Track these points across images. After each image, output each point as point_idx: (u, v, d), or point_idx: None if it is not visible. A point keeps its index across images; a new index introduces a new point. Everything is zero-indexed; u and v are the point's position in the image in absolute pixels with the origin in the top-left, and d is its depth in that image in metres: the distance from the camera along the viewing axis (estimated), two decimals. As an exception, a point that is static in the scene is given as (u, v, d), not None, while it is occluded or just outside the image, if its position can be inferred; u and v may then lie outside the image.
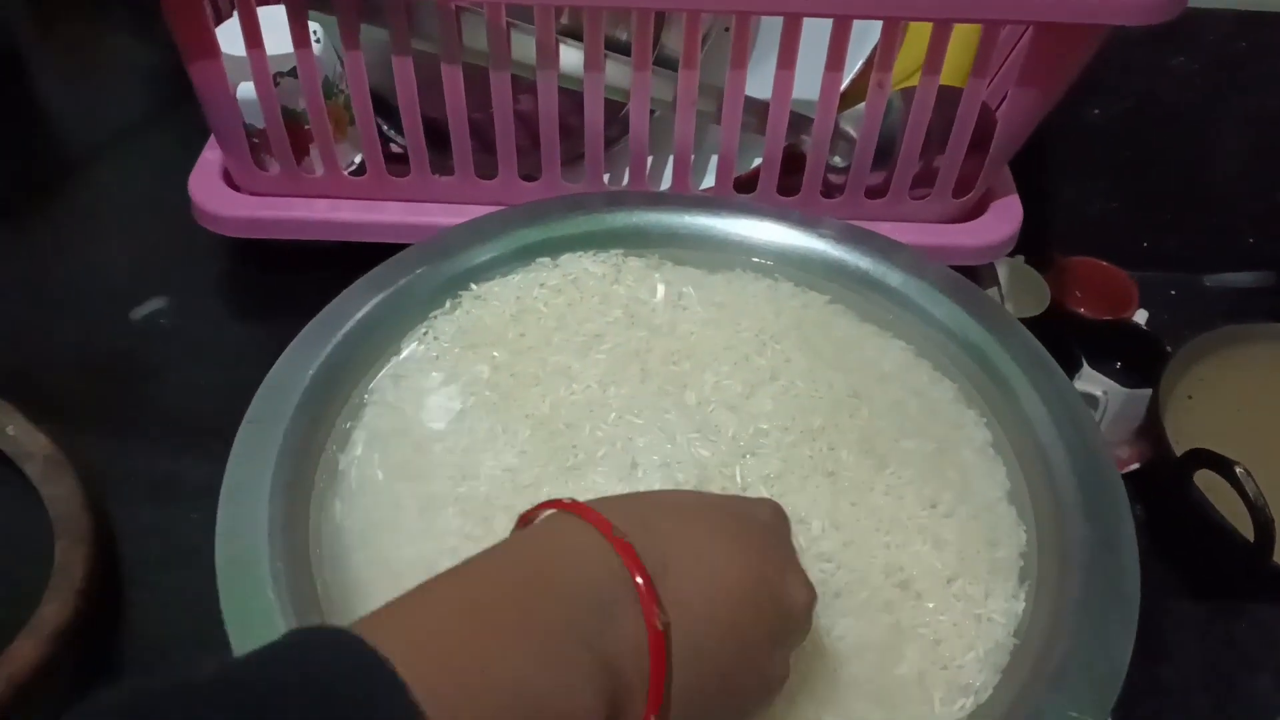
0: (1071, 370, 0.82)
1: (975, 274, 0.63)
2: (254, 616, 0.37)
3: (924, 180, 0.59)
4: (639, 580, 0.29)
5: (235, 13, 0.57)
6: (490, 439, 0.46)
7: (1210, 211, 0.95)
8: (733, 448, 0.45)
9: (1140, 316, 0.93)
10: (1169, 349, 0.84)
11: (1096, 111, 0.92)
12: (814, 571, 0.41)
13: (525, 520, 0.33)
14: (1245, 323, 0.83)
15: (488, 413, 0.47)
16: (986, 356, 0.49)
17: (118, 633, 0.48)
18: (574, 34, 0.52)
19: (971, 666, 0.39)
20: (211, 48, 0.52)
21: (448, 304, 0.51)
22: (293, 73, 0.55)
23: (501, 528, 0.41)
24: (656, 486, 0.43)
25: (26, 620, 0.45)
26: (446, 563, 0.30)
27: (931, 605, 0.41)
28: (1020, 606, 0.41)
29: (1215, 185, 0.94)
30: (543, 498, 0.34)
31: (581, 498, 0.33)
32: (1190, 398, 0.81)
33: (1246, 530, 0.61)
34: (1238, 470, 0.65)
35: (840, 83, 0.53)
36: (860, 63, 0.57)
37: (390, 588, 0.29)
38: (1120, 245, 0.94)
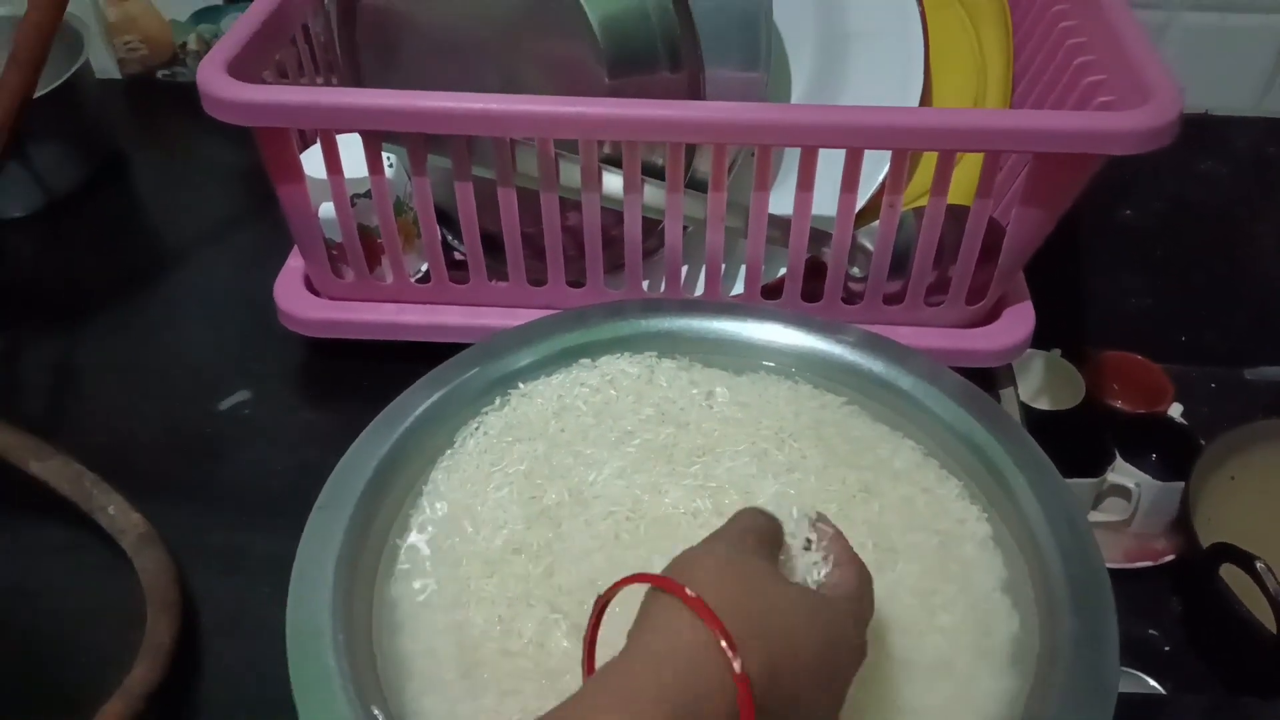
0: (1105, 463, 0.84)
1: (993, 373, 0.66)
2: (317, 680, 0.42)
3: (939, 288, 0.63)
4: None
5: (318, 140, 0.64)
6: (527, 525, 0.50)
7: (1248, 306, 0.97)
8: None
9: (1175, 410, 0.95)
10: (1202, 442, 0.85)
11: (1129, 212, 0.95)
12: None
13: (617, 588, 0.38)
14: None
15: (527, 501, 0.52)
16: (989, 457, 0.52)
17: (196, 694, 0.53)
18: (614, 161, 0.58)
19: (961, 747, 0.42)
20: (297, 173, 0.60)
21: (498, 401, 0.56)
22: (368, 194, 0.62)
23: (529, 614, 0.46)
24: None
25: (113, 681, 0.50)
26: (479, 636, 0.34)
27: (924, 687, 0.44)
28: (1010, 687, 0.44)
29: (1251, 281, 0.96)
30: (572, 572, 0.39)
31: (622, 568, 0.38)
32: (1233, 478, 0.83)
33: (1271, 624, 0.63)
34: (1258, 565, 0.67)
35: (855, 203, 0.58)
36: (877, 183, 0.62)
37: (429, 661, 0.33)
38: (1157, 340, 0.96)
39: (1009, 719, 0.43)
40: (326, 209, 0.62)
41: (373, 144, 0.58)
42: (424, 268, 0.67)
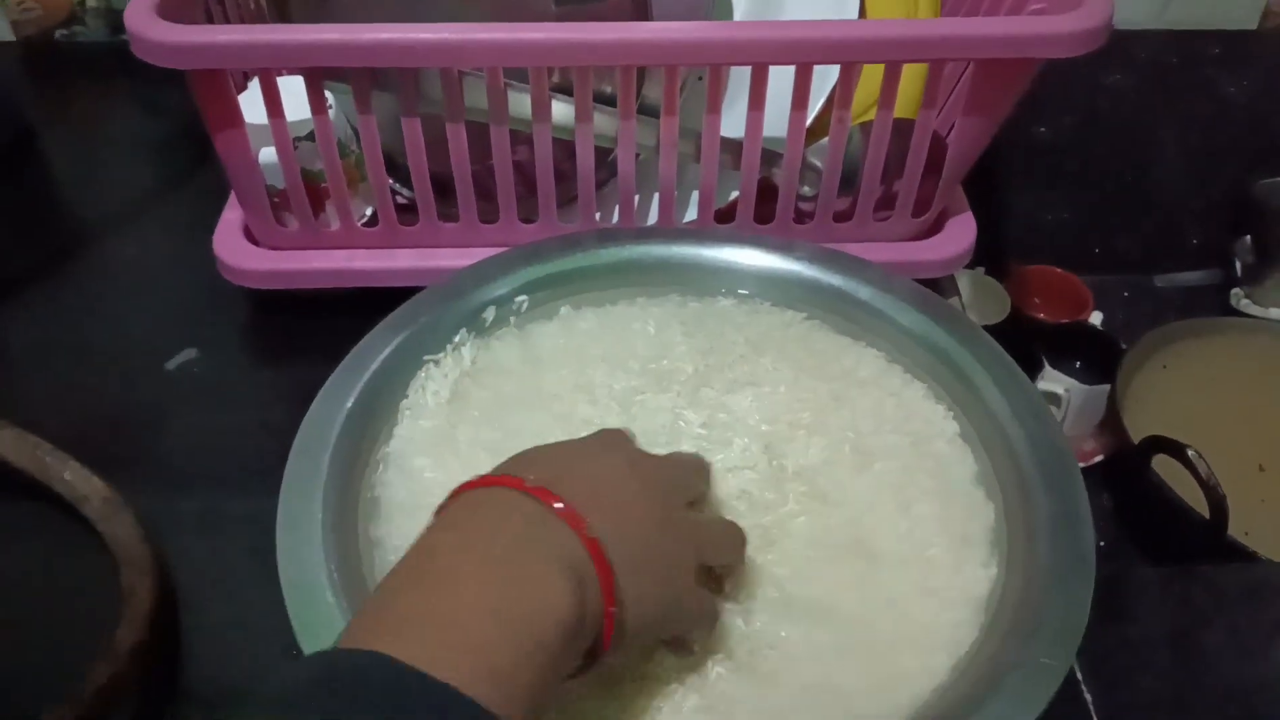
0: (1034, 371, 0.88)
1: (938, 285, 0.69)
2: (320, 620, 0.42)
3: (885, 203, 0.65)
4: (559, 506, 0.35)
5: (249, 84, 0.62)
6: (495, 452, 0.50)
7: (1155, 215, 1.01)
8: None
9: (1096, 318, 0.99)
10: (1124, 346, 0.90)
11: (1043, 129, 0.98)
12: (812, 551, 0.46)
13: (454, 496, 0.38)
14: (1194, 318, 0.89)
15: (499, 439, 0.51)
16: (951, 358, 0.54)
17: (178, 657, 0.52)
18: (563, 89, 0.58)
19: (951, 626, 0.44)
20: (236, 118, 0.58)
21: (458, 339, 0.56)
22: (309, 137, 0.60)
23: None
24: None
25: (96, 647, 0.49)
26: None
27: (916, 574, 0.46)
28: (993, 573, 0.46)
29: (1158, 191, 1.00)
30: None
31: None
32: (1165, 367, 0.87)
33: (1203, 509, 0.66)
34: (1190, 453, 0.71)
35: (805, 120, 0.59)
36: (822, 101, 0.63)
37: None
38: (1074, 252, 1.00)
39: (999, 599, 0.45)
40: (267, 154, 0.60)
41: (315, 83, 0.56)
42: (369, 211, 0.66)
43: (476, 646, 0.31)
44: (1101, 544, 0.76)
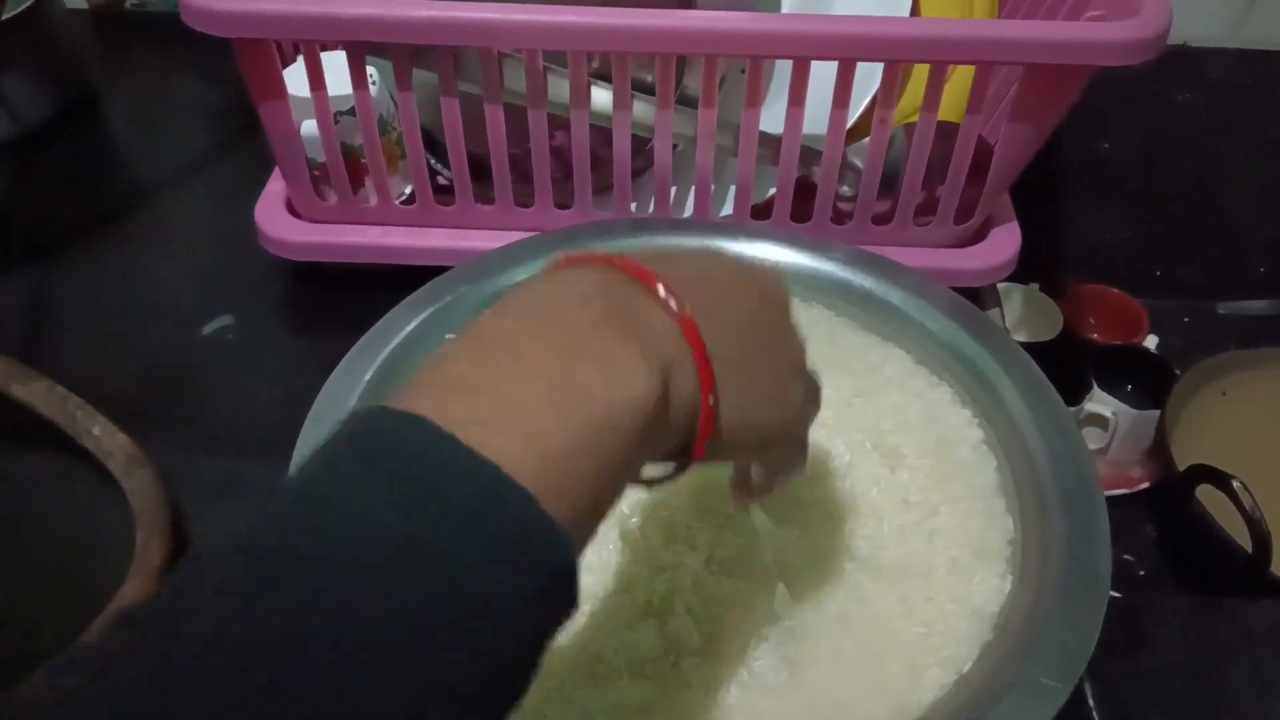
0: (1082, 392, 0.85)
1: (978, 295, 0.67)
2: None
3: (927, 208, 0.63)
4: (649, 283, 0.32)
5: (299, 57, 0.63)
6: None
7: (1221, 240, 0.98)
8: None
9: (1151, 342, 0.96)
10: (1178, 372, 0.87)
11: (1106, 145, 0.95)
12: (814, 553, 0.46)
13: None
14: (1256, 348, 0.85)
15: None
16: (978, 366, 0.53)
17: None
18: (604, 76, 0.58)
19: (957, 640, 0.43)
20: (279, 90, 0.58)
21: (486, 319, 0.56)
22: (351, 111, 0.61)
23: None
24: None
25: (106, 600, 0.50)
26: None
27: (925, 585, 0.45)
28: (1006, 588, 0.45)
29: (1226, 215, 0.97)
30: None
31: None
32: (1224, 394, 0.83)
33: (1247, 542, 0.64)
34: (1235, 484, 0.68)
35: (846, 119, 0.58)
36: (866, 100, 0.62)
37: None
38: (1134, 274, 0.97)
39: (1008, 615, 0.43)
40: (308, 127, 0.61)
41: (357, 57, 0.57)
42: (408, 190, 0.66)
43: (529, 422, 0.27)
44: (1142, 573, 0.74)
